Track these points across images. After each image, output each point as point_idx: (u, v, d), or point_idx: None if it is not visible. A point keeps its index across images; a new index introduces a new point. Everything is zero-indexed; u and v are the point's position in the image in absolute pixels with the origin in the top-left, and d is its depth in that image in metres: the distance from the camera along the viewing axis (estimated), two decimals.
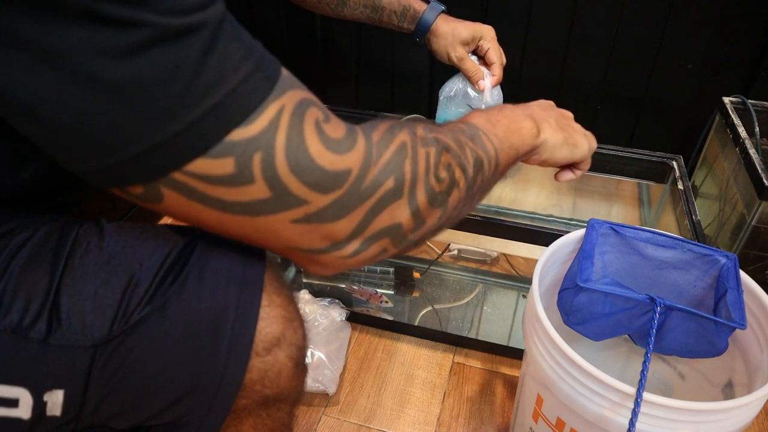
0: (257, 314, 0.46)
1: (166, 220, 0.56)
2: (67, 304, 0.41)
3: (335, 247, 0.40)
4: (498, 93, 0.88)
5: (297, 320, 0.50)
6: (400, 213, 0.42)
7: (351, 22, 0.92)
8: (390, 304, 1.12)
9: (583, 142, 0.66)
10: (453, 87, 0.89)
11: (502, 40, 0.90)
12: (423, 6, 0.87)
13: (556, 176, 0.72)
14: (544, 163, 0.64)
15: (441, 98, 0.92)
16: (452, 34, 0.85)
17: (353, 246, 0.41)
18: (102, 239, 0.45)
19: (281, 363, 0.48)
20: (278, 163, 0.35)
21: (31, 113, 0.32)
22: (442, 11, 0.87)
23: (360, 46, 1.26)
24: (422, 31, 0.87)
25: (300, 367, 0.51)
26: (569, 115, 0.67)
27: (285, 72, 0.39)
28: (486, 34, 0.85)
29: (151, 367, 0.43)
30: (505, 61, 0.88)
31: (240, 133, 0.34)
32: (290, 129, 0.36)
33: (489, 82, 0.85)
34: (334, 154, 0.37)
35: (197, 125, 0.33)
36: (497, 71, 0.85)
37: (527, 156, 0.61)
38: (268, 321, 0.47)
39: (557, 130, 0.62)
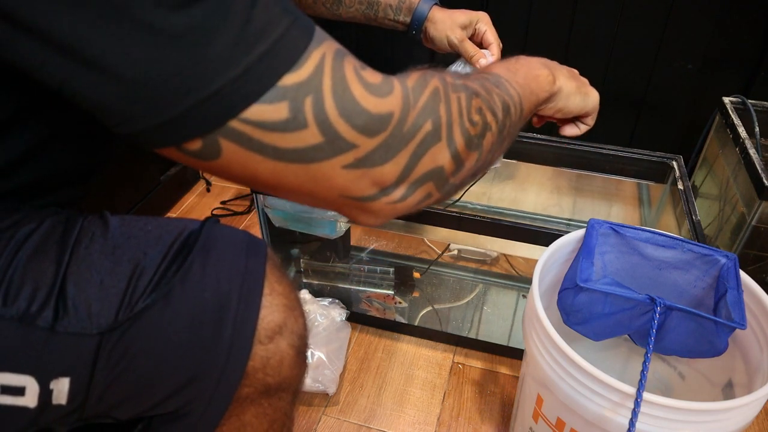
0: (260, 302, 0.47)
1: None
2: (73, 293, 0.42)
3: (384, 192, 0.41)
4: None
5: (298, 309, 0.51)
6: (441, 156, 0.42)
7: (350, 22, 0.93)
8: (404, 304, 1.12)
9: (594, 92, 0.69)
10: (454, 69, 0.89)
11: (502, 40, 0.90)
12: None
13: (560, 130, 0.74)
14: (559, 113, 0.66)
15: None
16: (450, 18, 0.86)
17: (400, 191, 0.42)
18: (106, 230, 0.46)
19: (283, 351, 0.49)
20: (327, 107, 0.36)
21: (97, 68, 0.32)
22: (435, 3, 0.88)
23: (360, 46, 1.26)
24: (418, 21, 0.88)
25: (301, 356, 0.52)
26: (575, 70, 0.69)
27: (317, 27, 0.40)
28: (482, 18, 0.87)
29: (155, 354, 0.44)
30: (501, 45, 0.89)
31: (291, 78, 0.35)
32: (334, 74, 0.37)
33: (491, 60, 0.86)
34: (376, 97, 0.38)
35: (252, 70, 0.34)
36: (495, 51, 0.87)
37: (545, 104, 0.63)
38: (270, 309, 0.48)
39: (569, 78, 0.65)
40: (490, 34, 0.87)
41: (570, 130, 0.73)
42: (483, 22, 0.87)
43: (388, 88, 0.39)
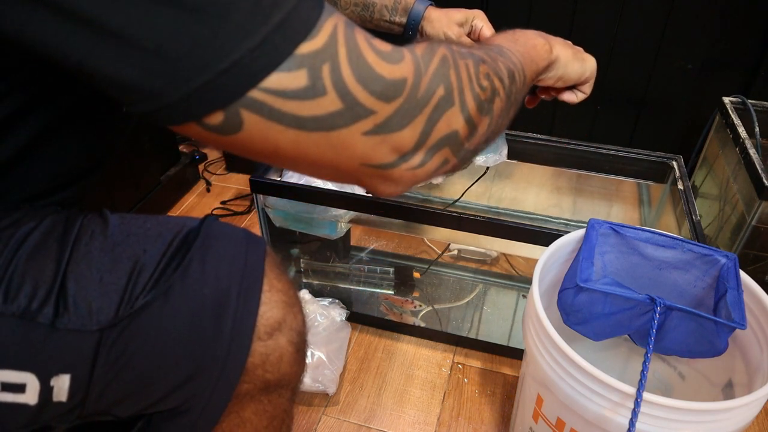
0: (259, 299, 0.47)
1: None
2: (73, 289, 0.42)
3: (403, 159, 0.41)
4: None
5: (297, 306, 0.51)
6: (455, 120, 0.43)
7: None
8: (424, 308, 1.12)
9: (590, 58, 0.70)
10: None
11: None
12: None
13: (559, 96, 0.75)
14: (559, 81, 0.67)
15: None
16: (446, 16, 0.87)
17: (419, 157, 0.42)
18: (106, 228, 0.46)
19: (282, 347, 0.49)
20: (345, 74, 0.37)
21: (117, 42, 0.33)
22: (431, 3, 0.88)
23: None
24: (415, 21, 0.88)
25: (300, 353, 0.52)
26: (569, 41, 0.71)
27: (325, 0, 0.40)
28: (478, 15, 0.88)
29: (155, 351, 0.44)
30: None
31: (307, 46, 0.36)
32: (348, 42, 0.37)
33: None
34: (389, 64, 0.39)
35: (270, 39, 0.34)
36: None
37: (545, 73, 0.64)
38: (270, 306, 0.48)
39: (565, 47, 0.66)
40: (487, 30, 0.87)
41: (568, 97, 0.75)
42: (479, 19, 0.87)
43: (398, 55, 0.40)
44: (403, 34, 0.90)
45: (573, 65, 0.67)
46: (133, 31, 0.32)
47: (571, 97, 0.75)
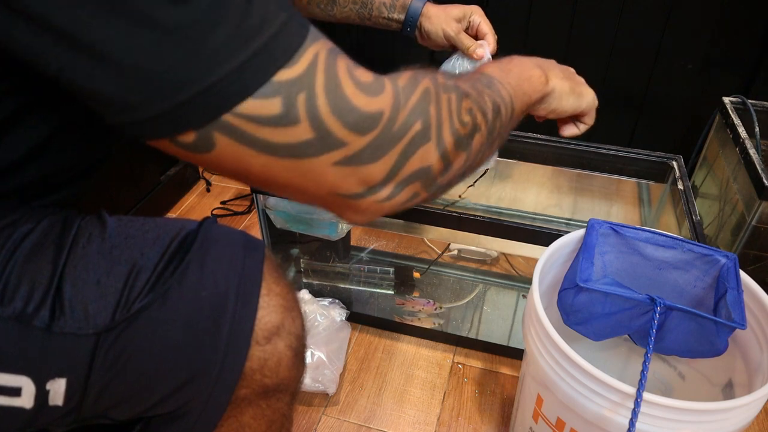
0: (257, 303, 0.47)
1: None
2: (70, 293, 0.42)
3: (371, 191, 0.41)
4: (490, 60, 0.89)
5: (295, 310, 0.51)
6: (429, 156, 0.43)
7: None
8: (443, 309, 1.12)
9: (589, 92, 0.69)
10: (452, 63, 0.89)
11: (502, 41, 0.90)
12: None
13: (559, 131, 0.73)
14: (552, 114, 0.66)
15: None
16: (444, 12, 0.87)
17: (388, 190, 0.42)
18: (104, 230, 0.46)
19: (281, 352, 0.49)
20: (320, 104, 0.37)
21: (95, 56, 0.33)
22: (428, 0, 0.88)
23: (360, 46, 1.26)
24: (413, 17, 0.88)
25: (299, 357, 0.52)
26: (571, 69, 0.69)
27: (312, 25, 0.40)
28: (475, 11, 0.88)
29: (152, 354, 0.44)
30: (496, 35, 0.89)
31: (285, 74, 0.36)
32: (327, 71, 0.37)
33: (487, 50, 0.86)
34: (367, 96, 0.39)
35: (247, 65, 0.34)
36: (491, 41, 0.88)
37: (538, 105, 0.63)
38: (268, 310, 0.48)
39: (563, 79, 0.64)
40: (485, 25, 0.87)
41: (569, 131, 0.73)
42: (476, 14, 0.87)
43: (379, 87, 0.40)
44: (401, 30, 0.90)
45: (567, 99, 0.65)
46: (109, 46, 0.32)
47: (572, 131, 0.73)
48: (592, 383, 0.57)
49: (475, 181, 1.09)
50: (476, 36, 0.88)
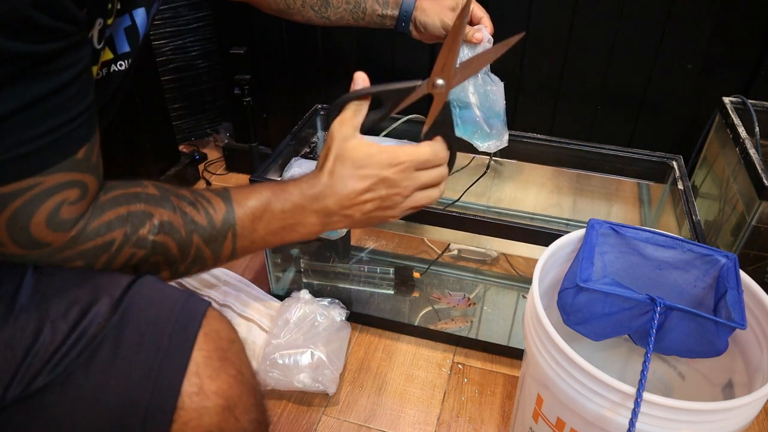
0: (174, 405, 0.40)
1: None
2: None
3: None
4: (490, 40, 0.89)
5: (241, 406, 0.44)
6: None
7: None
8: (476, 305, 1.12)
9: (388, 216, 0.60)
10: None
11: (501, 40, 0.90)
12: None
13: None
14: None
15: None
16: (437, 3, 0.87)
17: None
18: (19, 288, 0.42)
19: None
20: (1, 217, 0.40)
21: None
22: None
23: (360, 46, 1.26)
24: (407, 12, 0.88)
25: None
26: (415, 184, 0.58)
27: (82, 154, 0.43)
28: None
29: None
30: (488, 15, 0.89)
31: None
32: (27, 202, 0.40)
33: (486, 32, 0.87)
34: (48, 229, 0.42)
35: None
36: (487, 23, 0.88)
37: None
38: (198, 412, 0.41)
39: (355, 222, 0.58)
40: (478, 9, 0.88)
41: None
42: (470, 1, 0.88)
43: (67, 225, 0.43)
44: (396, 27, 0.90)
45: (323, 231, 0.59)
46: None
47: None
48: (592, 383, 0.57)
49: (475, 181, 1.09)
50: (471, 21, 0.89)
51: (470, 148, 0.95)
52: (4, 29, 0.35)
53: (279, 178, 1.00)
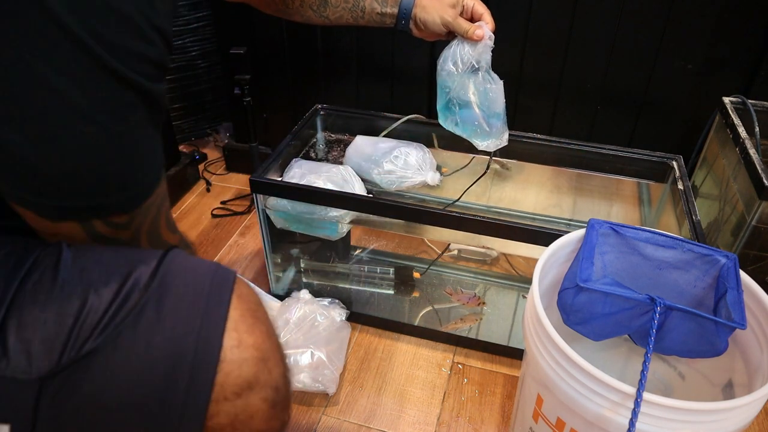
0: (218, 358, 0.44)
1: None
2: (13, 333, 0.40)
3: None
4: (491, 38, 0.89)
5: (273, 359, 0.48)
6: None
7: None
8: (485, 304, 1.12)
9: None
10: (452, 49, 0.89)
11: (502, 41, 0.90)
12: None
13: None
14: None
15: (442, 68, 0.90)
16: (438, 0, 0.87)
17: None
18: (58, 263, 0.44)
19: (254, 406, 0.46)
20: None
21: None
22: None
23: (360, 46, 1.26)
24: (407, 9, 0.88)
25: (278, 407, 0.49)
26: None
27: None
28: None
29: (102, 405, 0.41)
30: (489, 11, 0.89)
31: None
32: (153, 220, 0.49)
33: (487, 29, 0.86)
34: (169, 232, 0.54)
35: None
36: (488, 19, 0.88)
37: None
38: (238, 364, 0.44)
39: None
40: (479, 6, 0.88)
41: None
42: None
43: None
44: (395, 25, 0.90)
45: None
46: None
47: None
48: (592, 383, 0.57)
49: (475, 181, 1.09)
50: (472, 18, 0.88)
51: (470, 148, 0.95)
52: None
53: (279, 178, 1.00)
